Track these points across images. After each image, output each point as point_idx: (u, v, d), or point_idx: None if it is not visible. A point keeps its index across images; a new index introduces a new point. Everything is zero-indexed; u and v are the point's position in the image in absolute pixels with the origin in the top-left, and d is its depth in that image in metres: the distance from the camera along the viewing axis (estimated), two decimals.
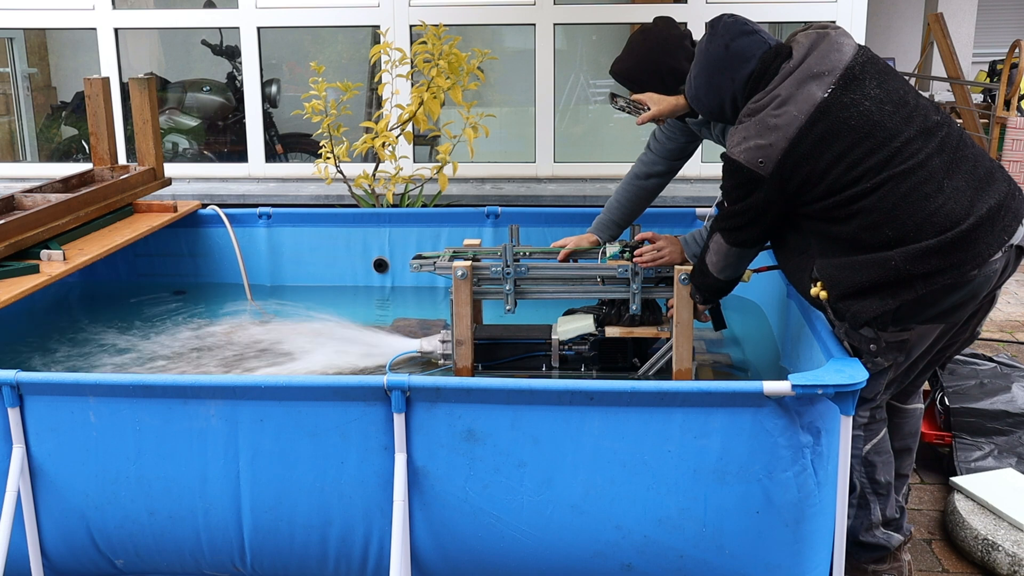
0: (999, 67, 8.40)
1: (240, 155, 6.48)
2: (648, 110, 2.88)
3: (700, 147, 3.45)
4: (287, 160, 6.68)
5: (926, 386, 3.33)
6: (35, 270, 3.26)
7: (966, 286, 2.29)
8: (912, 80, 8.87)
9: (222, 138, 6.98)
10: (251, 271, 4.14)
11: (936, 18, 8.54)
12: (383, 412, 2.27)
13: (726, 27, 2.51)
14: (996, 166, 2.41)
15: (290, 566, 2.44)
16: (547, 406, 2.25)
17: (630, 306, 3.04)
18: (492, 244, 3.87)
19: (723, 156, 2.47)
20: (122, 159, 5.83)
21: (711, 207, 3.75)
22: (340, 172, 4.82)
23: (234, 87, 6.85)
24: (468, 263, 3.06)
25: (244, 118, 6.38)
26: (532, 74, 6.20)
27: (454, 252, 3.21)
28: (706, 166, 6.11)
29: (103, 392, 2.34)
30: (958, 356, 3.46)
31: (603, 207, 3.32)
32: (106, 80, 4.22)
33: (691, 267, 2.87)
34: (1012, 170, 6.41)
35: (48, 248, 3.41)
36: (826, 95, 2.32)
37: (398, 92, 5.43)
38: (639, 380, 2.80)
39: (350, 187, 4.91)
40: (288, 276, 4.20)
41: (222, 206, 4.23)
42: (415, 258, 3.23)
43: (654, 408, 2.23)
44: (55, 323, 3.80)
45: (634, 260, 3.01)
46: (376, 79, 6.24)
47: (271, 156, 6.52)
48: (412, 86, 5.26)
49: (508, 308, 3.10)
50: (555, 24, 6.13)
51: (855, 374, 2.20)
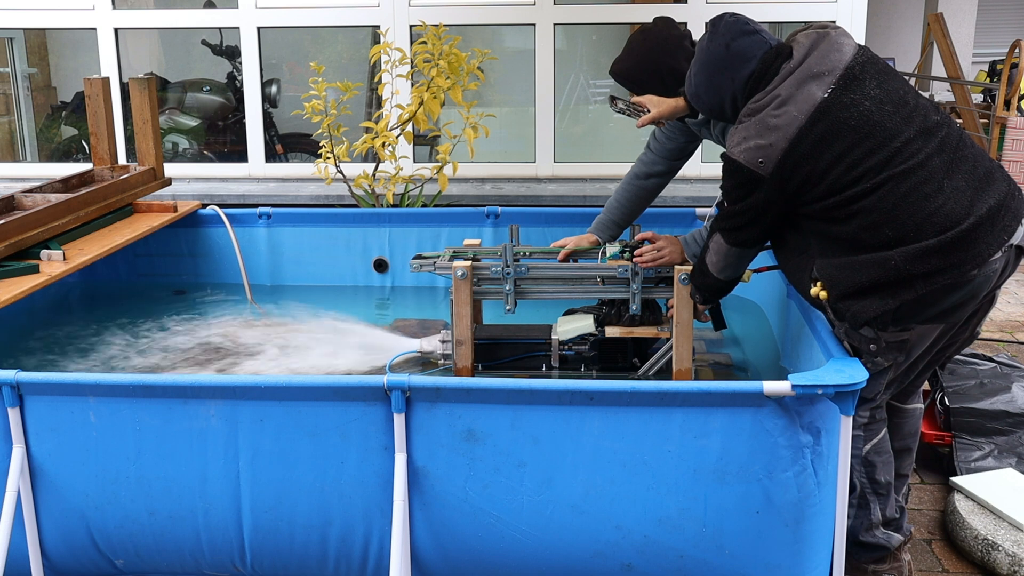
0: (999, 67, 8.40)
1: (240, 155, 6.48)
2: (648, 112, 2.88)
3: (700, 147, 3.45)
4: (287, 160, 6.67)
5: (926, 386, 3.33)
6: (35, 270, 3.26)
7: (966, 286, 2.29)
8: (912, 80, 8.87)
9: (222, 138, 6.98)
10: (251, 271, 4.14)
11: (936, 18, 8.54)
12: (383, 412, 2.27)
13: (727, 26, 2.51)
14: (996, 166, 2.41)
15: (290, 566, 2.44)
16: (547, 406, 2.25)
17: (630, 306, 3.04)
18: (492, 244, 3.87)
19: (723, 156, 2.47)
20: (122, 159, 5.83)
21: (711, 207, 3.75)
22: (340, 172, 4.82)
23: (234, 87, 6.85)
24: (468, 263, 3.06)
25: (244, 118, 6.38)
26: (532, 74, 6.20)
27: (454, 252, 3.21)
28: (706, 166, 6.11)
29: (103, 392, 2.34)
30: (958, 356, 3.46)
31: (603, 207, 3.32)
32: (106, 80, 4.22)
33: (691, 267, 2.87)
34: (1012, 170, 6.41)
35: (48, 248, 3.41)
36: (826, 95, 2.32)
37: (398, 92, 5.43)
38: (639, 380, 2.80)
39: (350, 187, 4.91)
40: (288, 276, 4.19)
41: (222, 206, 4.23)
42: (415, 258, 3.23)
43: (654, 408, 2.23)
44: (55, 323, 3.80)
45: (634, 260, 3.01)
46: (376, 79, 6.24)
47: (271, 156, 6.52)
48: (412, 86, 5.26)
49: (508, 308, 3.10)
50: (555, 24, 6.13)
51: (855, 374, 2.20)
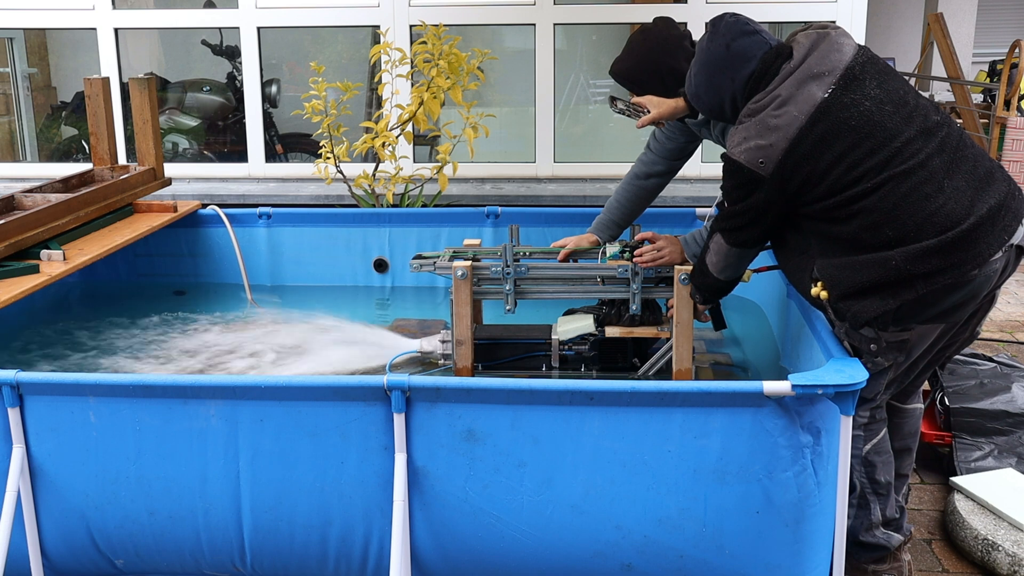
0: (999, 67, 8.40)
1: (240, 155, 6.48)
2: (648, 113, 2.88)
3: (700, 147, 3.45)
4: (287, 160, 6.67)
5: (926, 386, 3.33)
6: (35, 270, 3.26)
7: (966, 286, 2.29)
8: (912, 80, 8.87)
9: (222, 138, 6.98)
10: (251, 271, 4.14)
11: (936, 18, 8.54)
12: (383, 412, 2.27)
13: (728, 26, 2.51)
14: (996, 166, 2.41)
15: (290, 566, 2.43)
16: (547, 406, 2.25)
17: (630, 306, 3.04)
18: (492, 244, 3.87)
19: (723, 156, 2.47)
20: (122, 159, 5.83)
21: (711, 207, 3.75)
22: (340, 172, 4.82)
23: (234, 87, 6.85)
24: (468, 263, 3.06)
25: (244, 118, 6.38)
26: (532, 74, 6.20)
27: (454, 252, 3.21)
28: (706, 166, 6.11)
29: (103, 392, 2.34)
30: (958, 356, 3.46)
31: (603, 207, 3.32)
32: (106, 80, 4.22)
33: (691, 267, 2.87)
34: (1012, 170, 6.41)
35: (48, 248, 3.41)
36: (826, 95, 2.32)
37: (398, 92, 5.43)
38: (639, 380, 2.80)
39: (350, 187, 4.91)
40: (288, 276, 4.19)
41: (222, 206, 4.23)
42: (415, 258, 3.23)
43: (654, 408, 2.23)
44: (55, 323, 3.80)
45: (634, 260, 3.01)
46: (376, 79, 6.24)
47: (271, 156, 6.52)
48: (412, 86, 5.26)
49: (508, 308, 3.10)
50: (555, 24, 6.13)
51: (855, 374, 2.20)
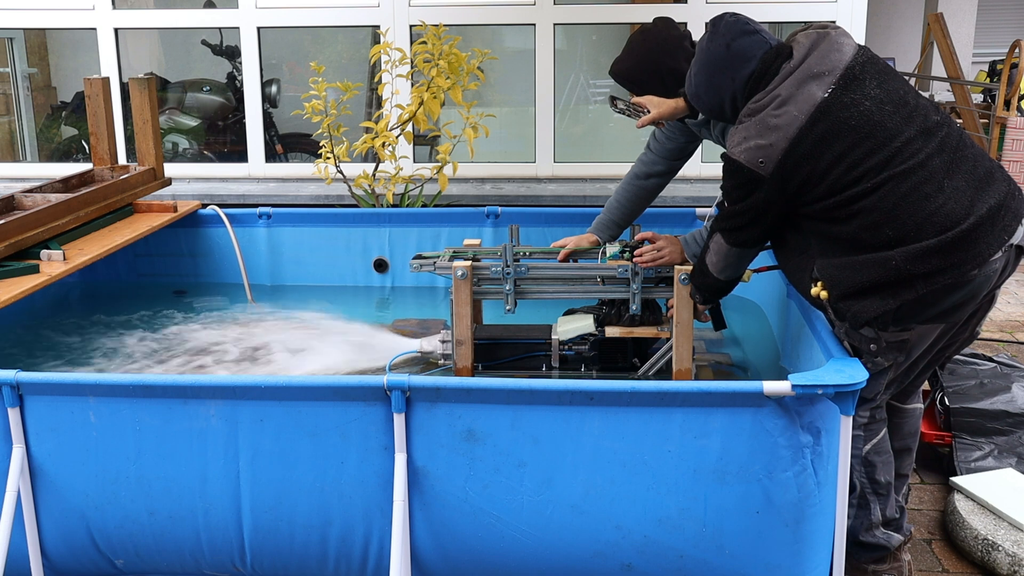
0: (999, 67, 8.40)
1: (240, 155, 6.48)
2: (648, 113, 2.88)
3: (700, 147, 3.45)
4: (287, 160, 6.67)
5: (926, 386, 3.33)
6: (35, 270, 3.26)
7: (966, 286, 2.29)
8: (912, 80, 8.87)
9: (222, 138, 6.98)
10: (251, 271, 4.14)
11: (936, 18, 8.54)
12: (383, 412, 2.27)
13: (727, 26, 2.51)
14: (996, 166, 2.41)
15: (290, 566, 2.44)
16: (547, 406, 2.25)
17: (630, 306, 3.04)
18: (492, 244, 3.87)
19: (723, 156, 2.47)
20: (122, 159, 5.83)
21: (711, 207, 3.75)
22: (340, 172, 4.82)
23: (234, 87, 6.85)
24: (468, 263, 3.06)
25: (244, 118, 6.38)
26: (532, 74, 6.20)
27: (454, 252, 3.21)
28: (706, 166, 6.11)
29: (103, 392, 2.34)
30: (958, 356, 3.46)
31: (603, 207, 3.32)
32: (106, 80, 4.22)
33: (691, 267, 2.87)
34: (1012, 170, 6.41)
35: (48, 248, 3.40)
36: (826, 95, 2.32)
37: (398, 92, 5.43)
38: (639, 380, 2.80)
39: (350, 187, 4.91)
40: (288, 276, 4.20)
41: (222, 206, 4.23)
42: (415, 258, 3.23)
43: (654, 408, 2.23)
44: (55, 323, 3.80)
45: (634, 260, 3.01)
46: (376, 79, 6.24)
47: (271, 156, 6.52)
48: (412, 86, 5.26)
49: (508, 308, 3.10)
50: (555, 24, 6.13)
51: (855, 374, 2.20)
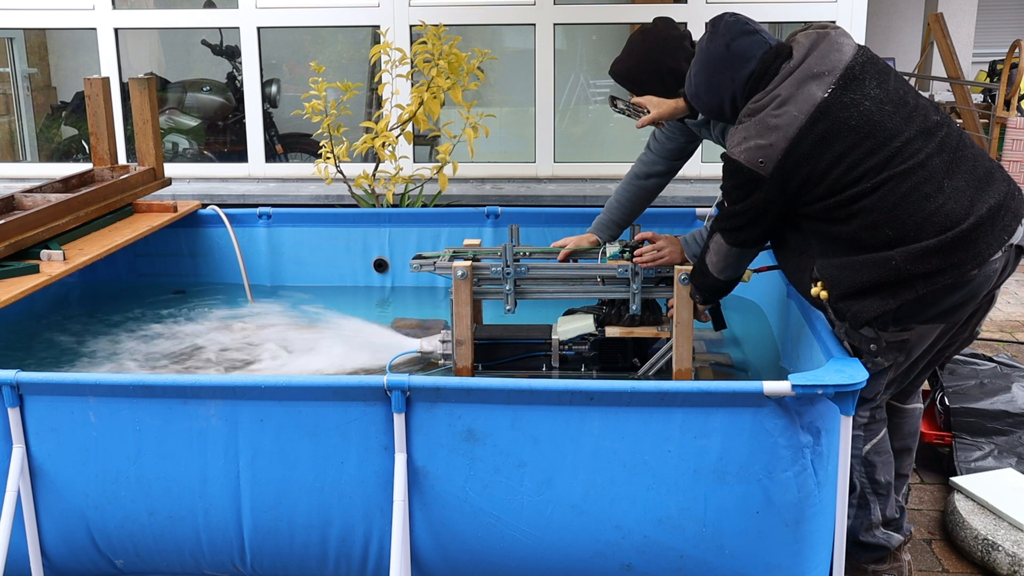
0: (999, 67, 8.40)
1: (240, 155, 6.48)
2: (648, 113, 2.88)
3: (700, 147, 3.45)
4: (287, 160, 6.67)
5: (926, 386, 3.33)
6: (35, 270, 3.25)
7: (966, 286, 2.29)
8: (912, 80, 8.87)
9: (222, 138, 6.98)
10: (251, 271, 4.14)
11: (936, 18, 8.54)
12: (383, 412, 2.27)
13: (727, 26, 2.51)
14: (995, 166, 2.41)
15: (290, 566, 2.44)
16: (547, 406, 2.25)
17: (630, 306, 3.04)
18: (492, 244, 3.87)
19: (723, 156, 2.47)
20: (122, 159, 5.83)
21: (711, 207, 3.75)
22: (340, 172, 4.82)
23: (234, 87, 6.85)
24: (468, 263, 3.06)
25: (244, 118, 6.38)
26: (532, 74, 6.20)
27: (454, 252, 3.21)
28: (706, 166, 6.11)
29: (103, 392, 2.34)
30: (958, 356, 3.46)
31: (603, 207, 3.32)
32: (106, 80, 4.22)
33: (691, 267, 2.87)
34: (1012, 170, 6.41)
35: (48, 248, 3.40)
36: (826, 95, 2.32)
37: (398, 92, 5.43)
38: (639, 380, 2.80)
39: (350, 187, 4.91)
40: (288, 276, 4.19)
41: (222, 206, 4.23)
42: (415, 258, 3.23)
43: (654, 408, 2.23)
44: (55, 323, 3.80)
45: (634, 260, 3.01)
46: (376, 79, 6.24)
47: (271, 156, 6.52)
48: (412, 86, 5.26)
49: (508, 308, 3.10)
50: (555, 24, 6.13)
51: (855, 374, 2.20)
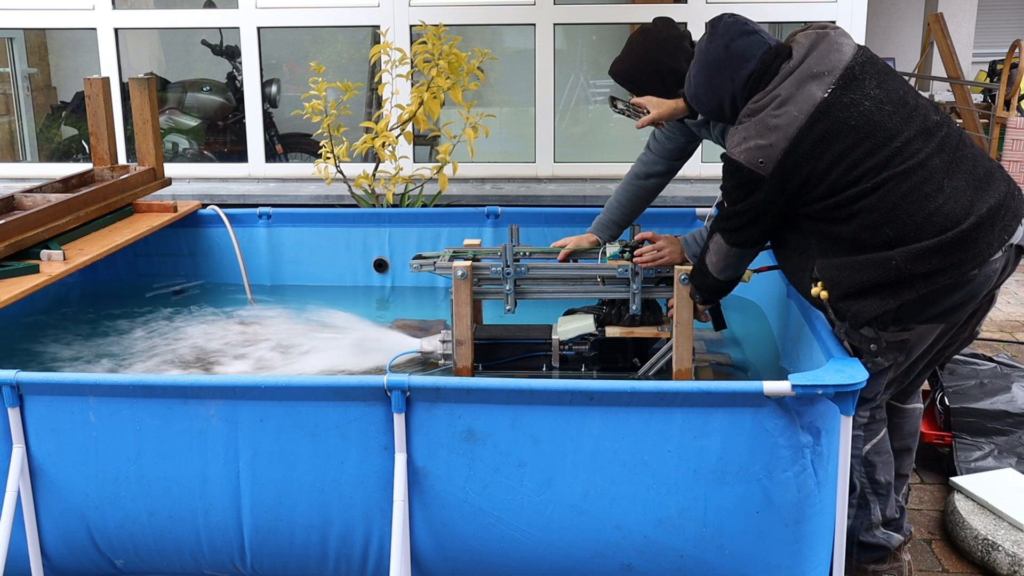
0: (999, 67, 8.40)
1: (240, 155, 6.48)
2: (648, 113, 2.88)
3: (700, 147, 3.46)
4: (287, 160, 6.67)
5: (926, 386, 3.33)
6: (35, 270, 3.25)
7: (966, 286, 2.29)
8: (912, 80, 8.87)
9: (222, 138, 6.98)
10: (251, 271, 4.14)
11: (936, 18, 8.54)
12: (383, 412, 2.27)
13: (726, 27, 2.51)
14: (995, 166, 2.41)
15: (290, 566, 2.44)
16: (547, 406, 2.25)
17: (630, 306, 3.04)
18: (492, 244, 3.87)
19: (723, 156, 2.47)
20: (122, 159, 5.83)
21: (711, 207, 3.75)
22: (340, 172, 4.82)
23: (234, 87, 6.85)
24: (468, 263, 3.06)
25: (244, 118, 6.38)
26: (532, 74, 6.20)
27: (454, 252, 3.21)
28: (706, 166, 6.11)
29: (103, 392, 2.34)
30: (958, 356, 3.46)
31: (603, 207, 3.32)
32: (106, 80, 4.22)
33: (691, 267, 2.87)
34: (1012, 170, 6.41)
35: (48, 248, 3.40)
36: (826, 95, 2.32)
37: (398, 92, 5.43)
38: (639, 380, 2.80)
39: (350, 187, 4.91)
40: (288, 276, 4.19)
41: (222, 206, 4.23)
42: (415, 258, 3.23)
43: (654, 408, 2.23)
44: (55, 324, 3.80)
45: (634, 260, 3.01)
46: (376, 79, 6.24)
47: (271, 156, 6.52)
48: (412, 86, 5.26)
49: (508, 308, 3.10)
50: (555, 24, 6.13)
51: (855, 374, 2.20)
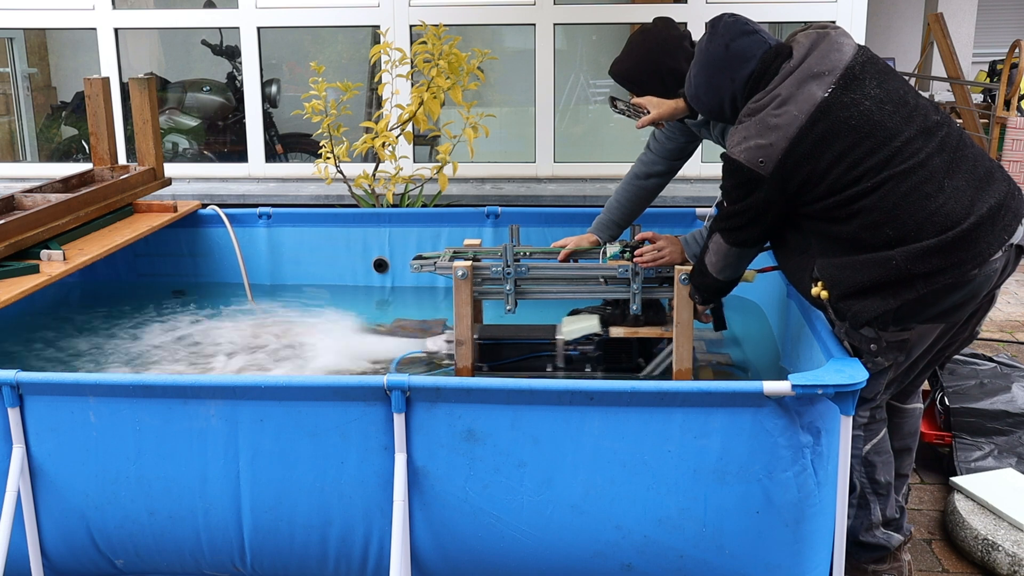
0: (999, 67, 8.40)
1: (240, 155, 6.48)
2: (648, 113, 2.88)
3: (700, 147, 3.46)
4: (287, 160, 6.67)
5: (926, 386, 3.33)
6: (35, 270, 3.25)
7: (967, 285, 2.29)
8: (912, 80, 8.87)
9: (222, 138, 6.98)
10: (251, 271, 4.14)
11: (936, 18, 8.54)
12: (383, 412, 2.27)
13: (726, 27, 2.51)
14: (995, 166, 2.41)
15: (290, 566, 2.44)
16: (547, 406, 2.25)
17: (630, 306, 3.04)
18: (492, 244, 3.87)
19: (723, 156, 2.47)
20: (122, 159, 5.83)
21: (711, 207, 3.75)
22: (340, 172, 4.82)
23: (234, 87, 6.85)
24: (468, 263, 3.05)
25: (244, 118, 6.38)
26: (532, 74, 6.20)
27: (455, 252, 3.21)
28: (706, 166, 6.11)
29: (103, 392, 2.34)
30: (958, 356, 3.46)
31: (603, 207, 3.32)
32: (106, 80, 4.22)
33: (691, 267, 2.87)
34: (1012, 170, 6.41)
35: (48, 248, 3.40)
36: (826, 95, 2.31)
37: (398, 92, 5.43)
38: (639, 380, 2.80)
39: (350, 187, 4.91)
40: (288, 276, 4.19)
41: (222, 206, 4.23)
42: (415, 259, 3.23)
43: (654, 408, 2.23)
44: (55, 323, 3.80)
45: (634, 260, 3.01)
46: (376, 79, 6.24)
47: (271, 156, 6.52)
48: (412, 86, 5.26)
49: (508, 308, 3.10)
50: (555, 24, 6.13)
51: (855, 374, 2.20)
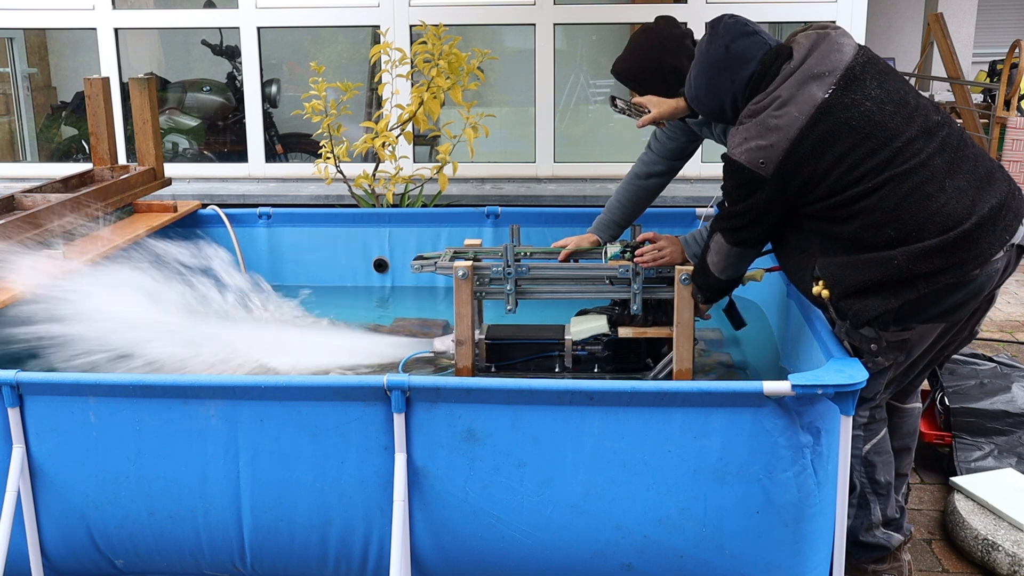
0: (999, 67, 8.40)
1: (240, 155, 6.48)
2: (648, 113, 2.88)
3: (700, 147, 3.45)
4: (287, 160, 6.67)
5: (926, 386, 3.33)
6: None
7: (968, 285, 2.29)
8: (912, 80, 8.87)
9: (222, 138, 6.98)
10: (251, 271, 4.13)
11: (936, 18, 8.54)
12: (383, 412, 2.27)
13: (727, 28, 2.51)
14: (996, 166, 2.41)
15: (290, 566, 2.44)
16: (547, 406, 2.25)
17: (630, 306, 3.04)
18: (492, 244, 3.87)
19: (724, 157, 2.47)
20: (122, 159, 5.82)
21: (711, 207, 3.74)
22: (340, 172, 4.82)
23: (234, 87, 6.85)
24: (469, 263, 3.05)
25: (244, 118, 6.37)
26: (532, 74, 6.20)
27: (455, 252, 3.21)
28: (706, 166, 6.11)
29: (103, 392, 2.33)
30: (958, 356, 3.46)
31: (603, 207, 3.32)
32: (106, 80, 4.21)
33: (692, 267, 2.87)
34: (1012, 170, 6.41)
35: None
36: (827, 96, 2.32)
37: (398, 92, 5.43)
38: (640, 380, 2.80)
39: (350, 187, 4.91)
40: (288, 276, 4.19)
41: (222, 206, 4.23)
42: (416, 259, 3.23)
43: (654, 408, 2.23)
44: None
45: (635, 260, 3.01)
46: (376, 79, 6.24)
47: (271, 156, 6.52)
48: (412, 86, 5.26)
49: (509, 308, 3.10)
50: (555, 24, 6.13)
51: (855, 374, 2.20)
